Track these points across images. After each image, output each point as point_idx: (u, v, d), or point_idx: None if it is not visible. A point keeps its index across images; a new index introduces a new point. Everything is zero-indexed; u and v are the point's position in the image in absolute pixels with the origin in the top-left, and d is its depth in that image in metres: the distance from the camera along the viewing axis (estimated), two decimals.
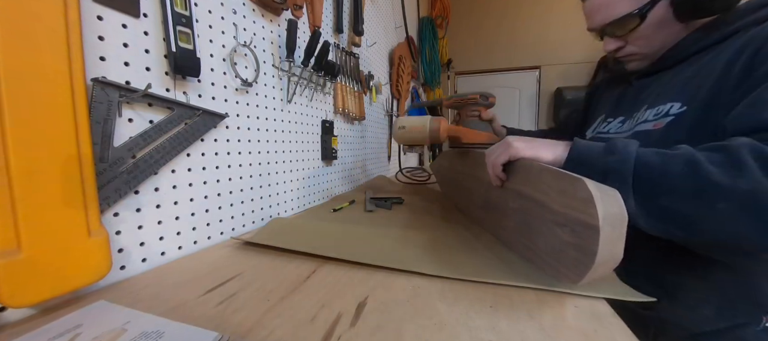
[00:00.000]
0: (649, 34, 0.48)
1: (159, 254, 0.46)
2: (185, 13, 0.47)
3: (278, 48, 0.71)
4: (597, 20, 0.51)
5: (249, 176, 0.63)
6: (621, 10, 0.47)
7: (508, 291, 0.37)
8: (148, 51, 0.44)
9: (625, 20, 0.48)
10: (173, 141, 0.47)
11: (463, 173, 0.75)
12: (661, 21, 0.46)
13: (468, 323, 0.31)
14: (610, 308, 0.34)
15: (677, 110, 0.44)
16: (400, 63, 1.68)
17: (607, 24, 0.50)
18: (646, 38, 0.49)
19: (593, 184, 0.32)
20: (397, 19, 1.76)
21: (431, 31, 2.39)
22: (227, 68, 0.58)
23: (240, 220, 0.61)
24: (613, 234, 0.31)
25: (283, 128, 0.74)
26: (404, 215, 0.75)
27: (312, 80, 0.83)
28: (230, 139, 0.58)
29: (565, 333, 0.29)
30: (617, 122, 0.55)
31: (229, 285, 0.39)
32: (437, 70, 2.52)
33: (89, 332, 0.28)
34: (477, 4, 3.30)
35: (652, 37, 0.48)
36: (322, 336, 0.29)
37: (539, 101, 3.21)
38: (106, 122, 0.38)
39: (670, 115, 0.44)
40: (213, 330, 0.28)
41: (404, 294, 0.37)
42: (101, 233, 0.36)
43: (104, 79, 0.37)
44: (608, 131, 0.56)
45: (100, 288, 0.38)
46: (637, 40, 0.50)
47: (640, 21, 0.47)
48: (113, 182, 0.39)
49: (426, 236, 0.57)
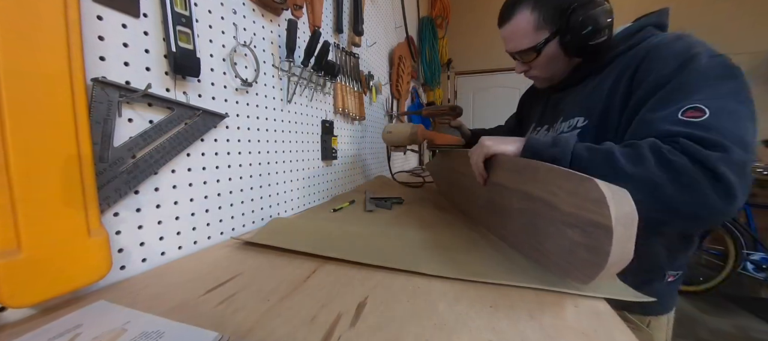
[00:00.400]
0: (545, 63, 0.62)
1: (159, 254, 0.46)
2: (185, 13, 0.47)
3: (278, 48, 0.71)
4: (508, 47, 0.65)
5: (249, 176, 0.63)
6: (524, 44, 0.61)
7: (508, 290, 0.37)
8: (148, 51, 0.44)
9: (526, 52, 0.62)
10: (173, 141, 0.47)
11: (462, 173, 0.75)
12: (553, 55, 0.60)
13: (468, 323, 0.31)
14: (610, 308, 0.34)
15: (582, 123, 0.57)
16: (400, 63, 1.68)
17: (515, 52, 0.64)
18: (543, 66, 0.63)
19: (604, 184, 0.32)
20: (397, 19, 1.76)
21: (431, 31, 2.40)
22: (227, 68, 0.58)
23: (240, 220, 0.61)
24: (626, 234, 0.31)
25: (283, 128, 0.74)
26: (404, 215, 0.75)
27: (312, 80, 0.83)
28: (230, 139, 0.58)
29: (565, 333, 0.29)
30: (544, 131, 0.70)
31: (229, 285, 0.39)
32: (437, 70, 2.52)
33: (89, 332, 0.28)
34: (477, 4, 3.30)
35: (548, 66, 0.63)
36: (322, 336, 0.29)
37: None
38: (106, 122, 0.38)
39: (578, 127, 0.57)
40: (213, 330, 0.28)
41: (404, 294, 0.37)
42: (101, 233, 0.36)
43: (104, 79, 0.37)
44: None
45: (100, 288, 0.38)
46: (538, 67, 0.64)
47: (536, 55, 0.61)
48: (113, 182, 0.39)
49: (426, 236, 0.57)
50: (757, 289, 2.12)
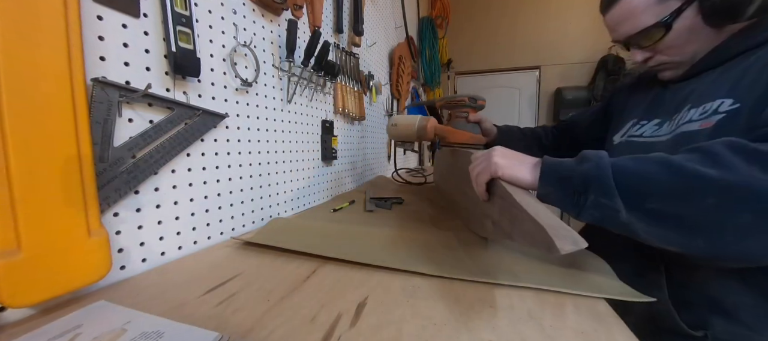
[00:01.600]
0: (680, 43, 0.46)
1: (159, 254, 0.46)
2: (185, 13, 0.47)
3: (278, 48, 0.71)
4: (621, 32, 0.49)
5: (249, 176, 0.63)
6: (645, 22, 0.45)
7: (508, 290, 0.37)
8: (148, 51, 0.44)
9: (649, 32, 0.46)
10: (173, 141, 0.47)
11: (460, 176, 0.74)
12: (691, 29, 0.44)
13: (468, 323, 0.31)
14: (610, 308, 0.34)
15: (728, 106, 0.39)
16: (400, 63, 1.68)
17: (632, 36, 0.48)
18: (677, 47, 0.46)
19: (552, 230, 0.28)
20: (397, 19, 1.76)
21: (431, 31, 2.39)
22: (227, 68, 0.58)
23: (240, 220, 0.61)
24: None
25: (283, 128, 0.74)
26: (404, 216, 0.75)
27: (312, 80, 0.83)
28: (230, 139, 0.58)
29: (565, 333, 0.29)
30: (653, 125, 0.50)
31: (229, 285, 0.39)
32: (437, 70, 2.52)
33: (89, 332, 0.28)
34: (477, 4, 3.30)
35: (684, 45, 0.46)
36: (322, 336, 0.29)
37: (539, 101, 3.21)
38: (106, 122, 0.38)
39: (720, 113, 0.40)
40: (213, 330, 0.28)
41: (404, 294, 0.37)
42: (101, 233, 0.36)
43: (104, 79, 0.37)
44: (642, 134, 0.52)
45: (100, 288, 0.38)
46: (667, 50, 0.47)
47: (665, 31, 0.45)
48: (113, 182, 0.39)
49: (426, 236, 0.57)
50: None
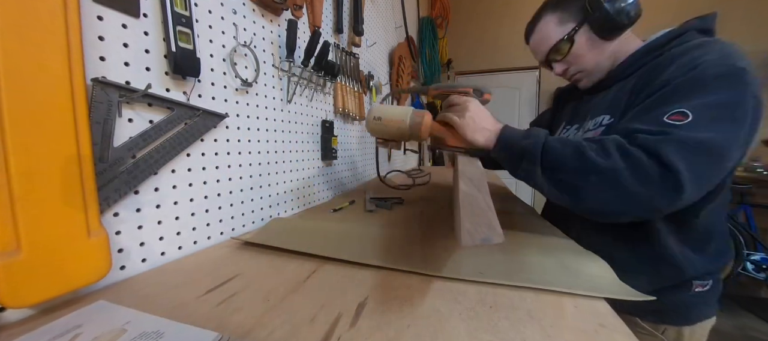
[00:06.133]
0: (584, 52, 0.61)
1: (159, 254, 0.46)
2: (185, 13, 0.47)
3: (278, 48, 0.71)
4: (540, 52, 0.65)
5: (249, 176, 0.63)
6: (553, 39, 0.61)
7: (508, 291, 0.37)
8: (148, 51, 0.44)
9: (558, 46, 0.61)
10: (173, 141, 0.47)
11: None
12: (589, 41, 0.59)
13: (468, 323, 0.31)
14: (610, 308, 0.34)
15: (607, 121, 0.58)
16: (400, 63, 1.68)
17: (548, 52, 0.63)
18: (582, 56, 0.61)
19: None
20: (397, 19, 1.76)
21: (431, 31, 2.40)
22: (227, 68, 0.58)
23: (240, 220, 0.61)
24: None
25: (283, 128, 0.74)
26: (404, 216, 0.75)
27: (312, 80, 0.83)
28: (230, 139, 0.58)
29: (565, 333, 0.29)
30: (573, 129, 0.69)
31: (229, 285, 0.39)
32: (437, 71, 2.52)
33: (89, 332, 0.28)
34: (477, 4, 3.30)
35: (587, 55, 0.61)
36: (322, 336, 0.29)
37: (539, 101, 3.21)
38: (106, 122, 0.38)
39: (603, 125, 0.58)
40: (213, 330, 0.28)
41: (404, 293, 0.37)
42: (101, 234, 0.36)
43: (104, 79, 0.37)
44: (568, 136, 0.65)
45: (100, 288, 0.38)
46: (576, 60, 0.62)
47: (570, 45, 0.60)
48: (113, 182, 0.39)
49: (426, 237, 0.57)
50: (757, 289, 2.12)
